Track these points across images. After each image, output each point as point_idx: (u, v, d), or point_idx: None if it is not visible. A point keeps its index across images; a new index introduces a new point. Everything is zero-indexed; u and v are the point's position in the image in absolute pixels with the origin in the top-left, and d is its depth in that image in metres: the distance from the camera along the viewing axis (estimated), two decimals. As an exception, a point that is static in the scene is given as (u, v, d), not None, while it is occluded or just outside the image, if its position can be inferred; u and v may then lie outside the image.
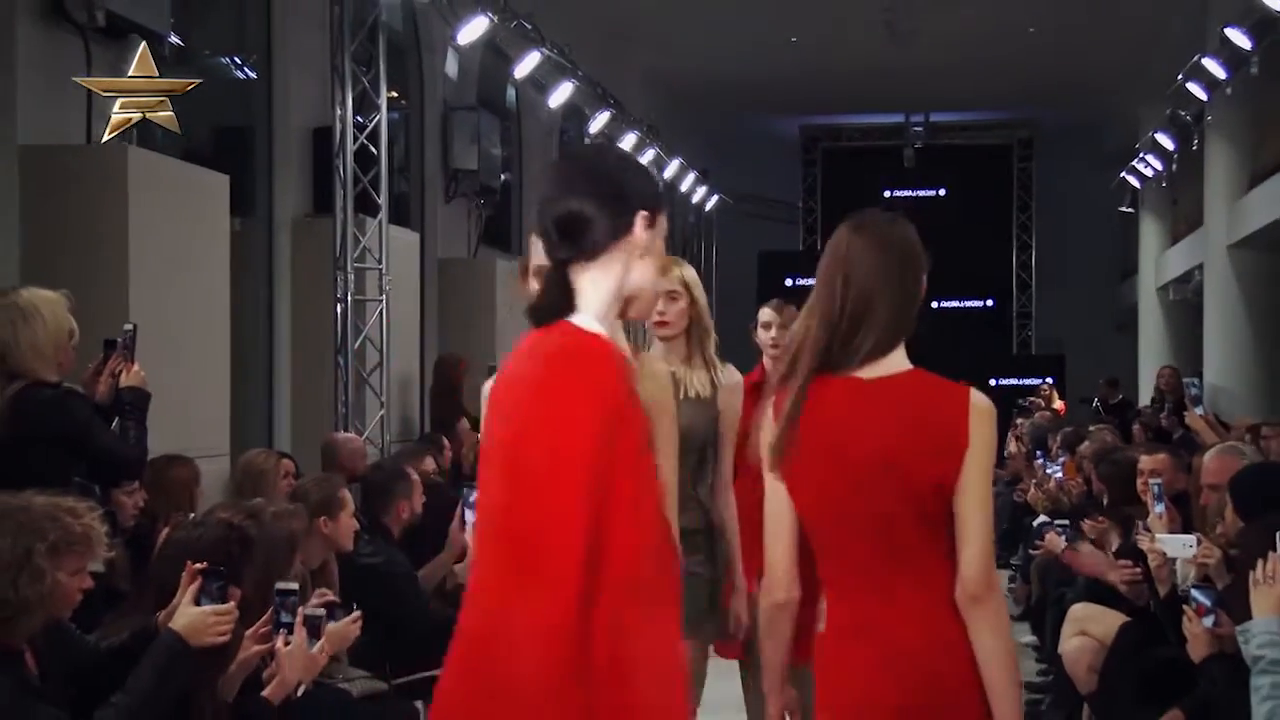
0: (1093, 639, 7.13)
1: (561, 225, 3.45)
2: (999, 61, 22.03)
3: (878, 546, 3.81)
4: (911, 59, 20.54)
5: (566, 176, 3.58)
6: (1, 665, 4.30)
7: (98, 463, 5.86)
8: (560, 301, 3.48)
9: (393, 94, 12.43)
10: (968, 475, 3.70)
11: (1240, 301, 18.27)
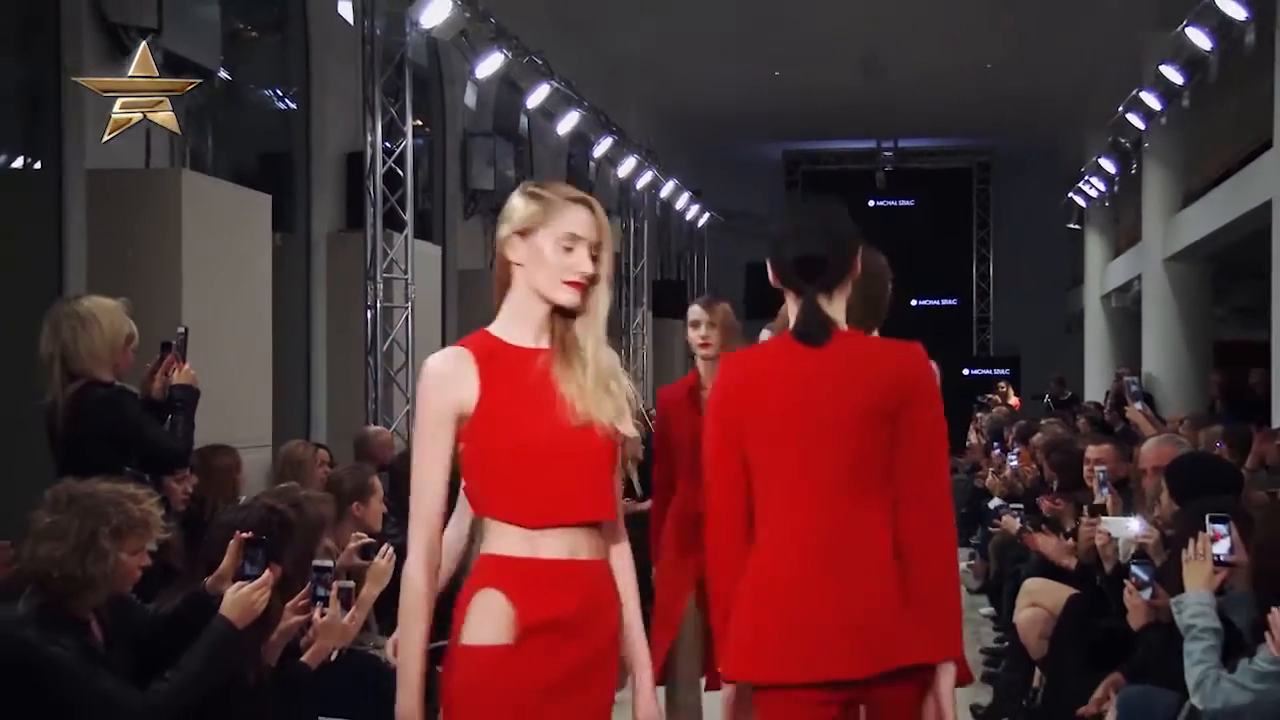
0: (1044, 610, 7.14)
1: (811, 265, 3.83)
2: (960, 94, 22.06)
3: None
4: (882, 92, 20.57)
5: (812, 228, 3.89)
6: (70, 633, 4.33)
7: (146, 455, 5.84)
8: (828, 320, 3.81)
9: (418, 122, 12.44)
10: None
11: (1174, 308, 18.38)
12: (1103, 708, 5.88)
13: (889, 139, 26.48)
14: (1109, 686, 5.93)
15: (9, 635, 4.35)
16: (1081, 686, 6.22)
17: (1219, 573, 4.77)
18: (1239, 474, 7.12)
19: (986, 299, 29.54)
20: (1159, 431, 9.20)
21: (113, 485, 4.52)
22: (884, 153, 27.02)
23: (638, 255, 21.77)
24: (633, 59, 18.99)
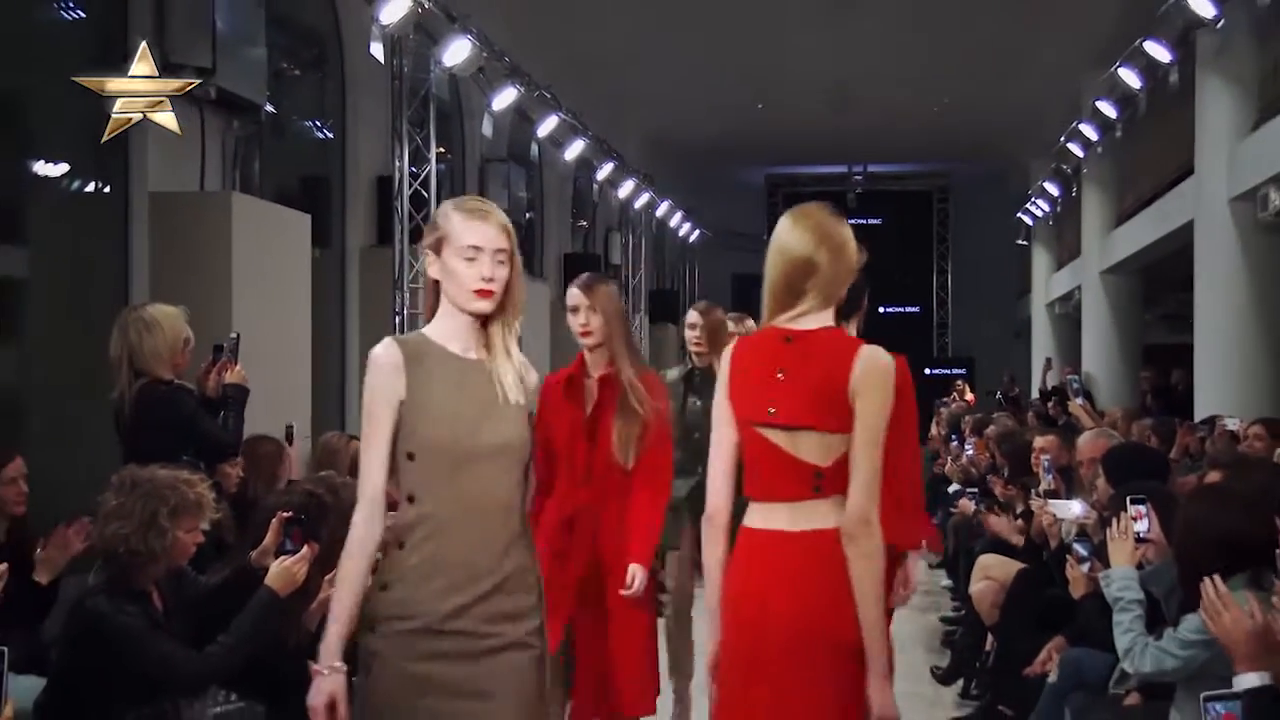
0: (995, 582, 7.12)
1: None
2: (921, 126, 22.01)
3: None
4: (853, 122, 20.55)
5: None
6: (133, 602, 4.35)
7: (201, 446, 5.83)
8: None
9: (440, 149, 12.42)
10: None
11: (1109, 315, 18.40)
12: (1046, 667, 5.85)
13: (859, 164, 26.48)
14: (1052, 649, 5.91)
15: (82, 604, 4.39)
16: (1028, 649, 6.18)
17: (1139, 549, 4.77)
18: (1166, 462, 7.13)
19: (945, 307, 29.57)
20: (1096, 425, 9.25)
21: (171, 471, 4.53)
22: (855, 177, 27.03)
23: (635, 267, 21.76)
24: (632, 94, 18.98)
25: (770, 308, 3.70)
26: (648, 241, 22.97)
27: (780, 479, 3.61)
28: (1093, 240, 18.68)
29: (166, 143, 8.74)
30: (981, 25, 16.13)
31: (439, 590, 3.41)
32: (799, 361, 3.60)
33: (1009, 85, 18.90)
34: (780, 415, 3.59)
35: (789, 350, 3.61)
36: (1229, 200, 11.67)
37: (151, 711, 4.27)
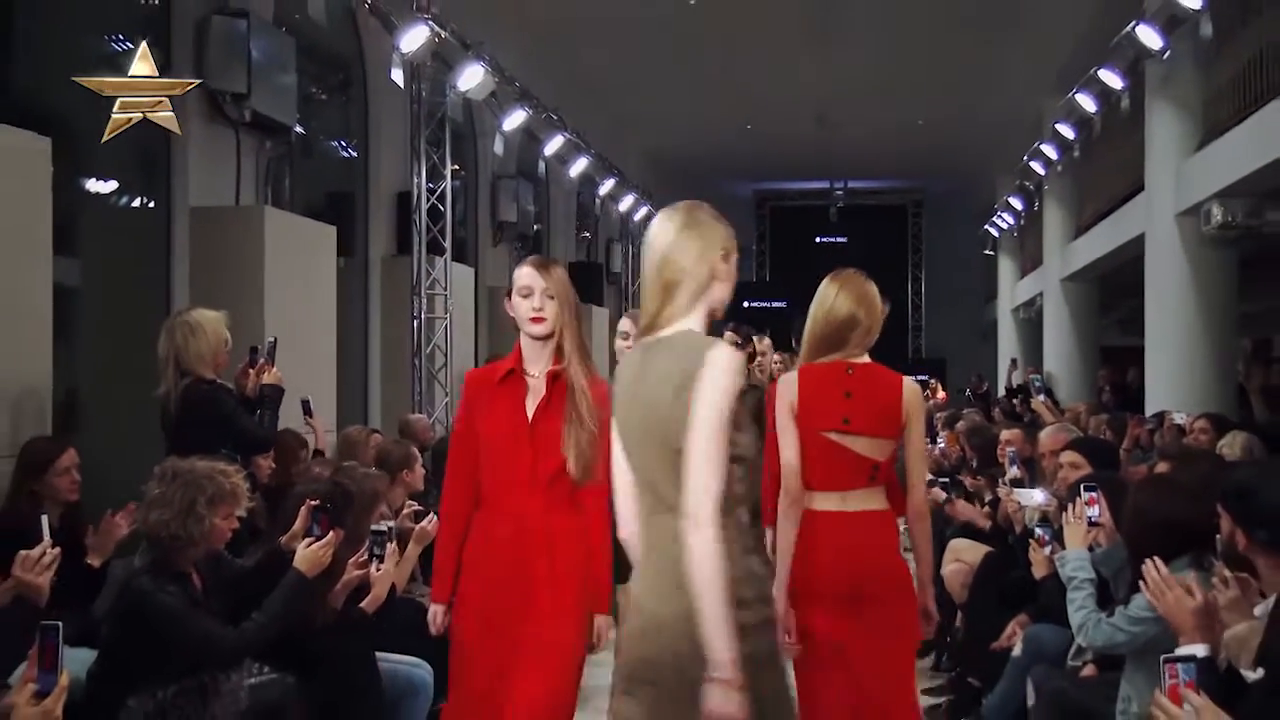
0: (965, 564, 7.09)
1: None
2: (897, 145, 22.04)
3: None
4: (834, 142, 20.52)
5: None
6: (174, 582, 4.38)
7: (238, 441, 5.84)
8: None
9: (455, 166, 12.45)
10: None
11: (1069, 319, 18.41)
12: (1011, 642, 5.87)
13: (840, 180, 26.44)
14: (1017, 625, 5.92)
15: (128, 584, 4.42)
16: (995, 625, 6.18)
17: (1091, 532, 4.78)
18: (1117, 452, 7.14)
19: (919, 311, 29.60)
20: (1057, 420, 9.27)
21: (209, 463, 4.55)
22: (836, 191, 26.97)
23: (635, 275, 21.75)
24: (631, 115, 19.00)
25: (817, 348, 4.58)
26: (646, 251, 22.95)
27: (845, 472, 4.41)
28: (1053, 250, 18.71)
29: (205, 161, 8.82)
30: (952, 54, 16.16)
31: None
32: (862, 386, 4.46)
33: (977, 108, 18.93)
34: (853, 425, 4.40)
35: (851, 379, 4.48)
36: (1176, 215, 11.69)
37: (192, 682, 4.28)
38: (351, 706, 4.94)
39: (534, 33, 14.23)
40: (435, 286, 11.91)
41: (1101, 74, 12.19)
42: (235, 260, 8.44)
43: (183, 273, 8.58)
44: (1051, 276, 18.73)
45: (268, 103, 8.91)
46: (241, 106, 8.78)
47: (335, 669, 4.88)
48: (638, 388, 3.37)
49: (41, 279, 6.22)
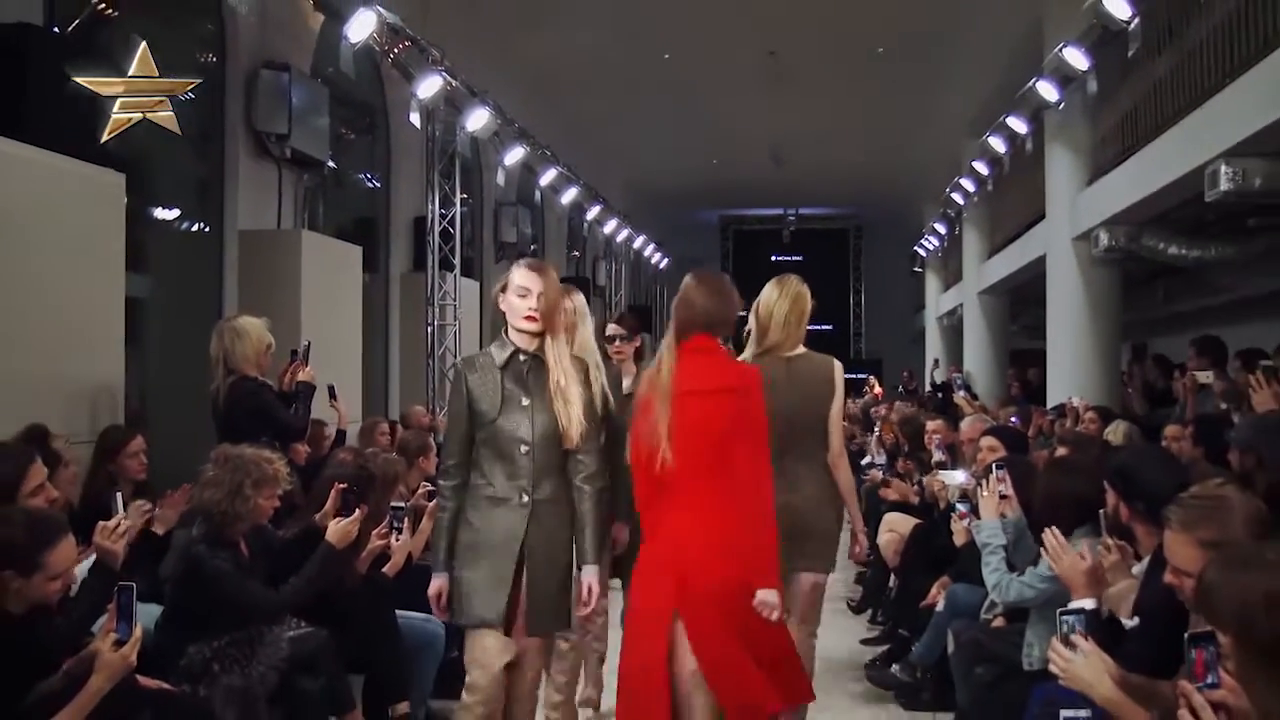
0: (897, 535, 7.14)
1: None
2: (841, 179, 22.13)
3: None
4: (788, 176, 20.59)
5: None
6: (226, 551, 4.39)
7: (277, 431, 5.81)
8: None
9: (464, 196, 12.44)
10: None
11: (984, 326, 18.38)
12: (935, 599, 5.92)
13: (792, 208, 26.54)
14: (940, 586, 5.97)
15: (186, 550, 4.43)
16: (922, 586, 6.25)
17: (1000, 505, 4.81)
18: (1025, 439, 7.18)
19: (860, 319, 29.68)
20: (974, 411, 9.31)
21: (255, 450, 4.57)
22: (789, 217, 27.05)
23: (617, 287, 21.80)
24: (616, 151, 19.01)
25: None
26: (627, 268, 22.99)
27: None
28: (971, 268, 18.70)
29: (252, 191, 8.82)
30: (886, 104, 16.25)
31: None
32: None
33: (907, 148, 19.01)
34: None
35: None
36: (1071, 239, 11.73)
37: (241, 634, 4.29)
38: (376, 655, 4.95)
39: (531, 82, 14.25)
40: (446, 298, 11.89)
41: (1009, 121, 12.24)
42: (276, 275, 8.44)
43: (232, 286, 8.58)
44: (969, 290, 18.73)
45: (305, 142, 8.92)
46: (283, 145, 8.80)
47: (362, 624, 4.89)
48: (792, 383, 4.54)
49: (115, 292, 6.21)
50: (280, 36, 8.98)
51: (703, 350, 3.89)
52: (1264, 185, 7.60)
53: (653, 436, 3.74)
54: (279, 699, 4.32)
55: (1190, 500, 3.10)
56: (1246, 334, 8.92)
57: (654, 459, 3.73)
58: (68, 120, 6.03)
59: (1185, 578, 2.96)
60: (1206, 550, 2.92)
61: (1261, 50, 7.37)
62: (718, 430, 3.72)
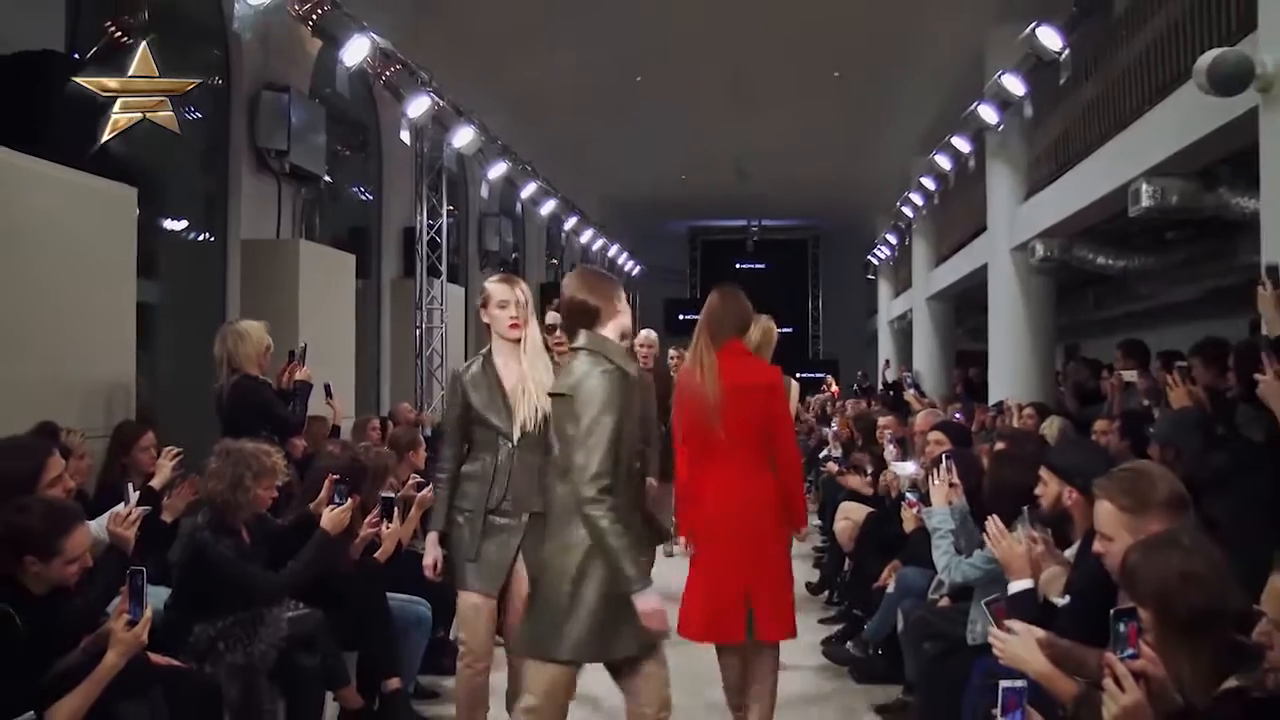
0: (852, 522, 7.15)
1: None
2: (800, 193, 22.11)
3: None
4: (751, 190, 20.61)
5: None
6: (229, 537, 4.39)
7: (275, 426, 5.81)
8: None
9: (450, 207, 12.44)
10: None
11: (932, 329, 18.46)
12: (886, 581, 5.94)
13: (756, 219, 26.56)
14: (891, 569, 5.99)
15: (192, 536, 4.42)
16: (874, 569, 6.27)
17: (949, 494, 4.80)
18: (969, 432, 7.24)
19: (818, 323, 29.68)
20: (923, 408, 9.37)
21: (255, 444, 4.56)
22: (752, 228, 27.06)
23: (593, 293, 21.75)
24: (591, 166, 19.00)
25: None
26: (602, 275, 22.94)
27: None
28: (920, 276, 18.77)
29: (253, 203, 8.81)
30: (842, 123, 16.30)
31: None
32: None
33: (861, 165, 19.06)
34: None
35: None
36: (1010, 250, 11.83)
37: (244, 614, 4.28)
38: (368, 634, 4.96)
39: (513, 102, 14.24)
40: (434, 303, 11.89)
41: (954, 141, 12.31)
42: (276, 282, 8.44)
43: (235, 291, 8.57)
44: (918, 296, 18.80)
45: (303, 157, 8.92)
46: (283, 161, 8.80)
47: (355, 605, 4.89)
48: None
49: (127, 297, 6.21)
50: (281, 60, 8.97)
51: (738, 353, 4.52)
52: (1181, 202, 7.72)
53: (707, 423, 4.37)
54: (279, 675, 4.32)
55: (1118, 472, 3.18)
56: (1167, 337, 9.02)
57: (707, 441, 4.40)
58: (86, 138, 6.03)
59: (1108, 542, 3.02)
60: (1127, 515, 2.98)
61: (1176, 80, 7.48)
62: (761, 418, 4.40)
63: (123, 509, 3.99)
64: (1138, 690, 2.33)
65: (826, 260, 29.29)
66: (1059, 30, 8.70)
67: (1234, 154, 7.14)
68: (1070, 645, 3.03)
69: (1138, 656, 2.54)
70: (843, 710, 5.61)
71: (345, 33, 8.29)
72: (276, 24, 8.21)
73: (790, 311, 28.27)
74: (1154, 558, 2.57)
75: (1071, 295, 13.19)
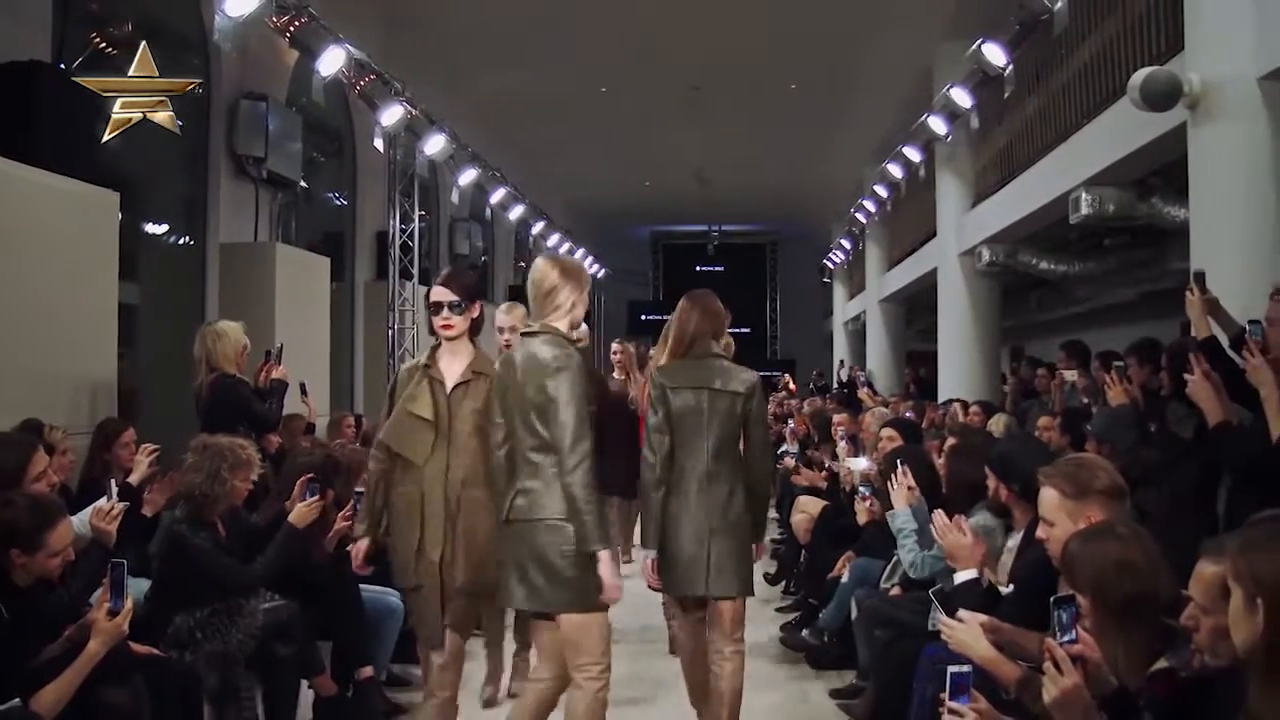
0: (808, 515, 7.13)
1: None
2: (758, 199, 22.21)
3: None
4: (712, 196, 20.67)
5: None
6: (205, 530, 4.38)
7: (252, 423, 5.79)
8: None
9: (422, 212, 12.37)
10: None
11: (884, 330, 18.53)
12: (840, 572, 5.96)
13: (716, 224, 26.58)
14: (845, 559, 6.01)
15: (170, 529, 4.40)
16: (829, 560, 6.28)
17: (908, 496, 4.81)
18: (920, 429, 7.29)
19: (776, 325, 29.74)
20: (876, 405, 9.42)
21: (230, 439, 4.55)
22: (713, 233, 27.07)
23: (559, 295, 21.69)
24: (558, 173, 19.00)
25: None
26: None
27: None
28: (873, 279, 18.83)
29: (232, 208, 8.75)
30: (799, 133, 16.38)
31: None
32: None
33: (817, 172, 19.16)
34: None
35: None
36: (958, 255, 11.93)
37: (221, 605, 4.27)
38: (342, 624, 4.94)
39: (483, 112, 14.21)
40: (405, 305, 11.80)
41: (905, 150, 12.40)
42: (253, 284, 8.38)
43: (214, 293, 8.50)
44: (872, 298, 18.87)
45: (280, 164, 8.88)
46: (260, 167, 8.74)
47: (329, 596, 4.87)
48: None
49: (109, 298, 6.16)
50: (258, 70, 8.91)
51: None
52: (1117, 210, 7.85)
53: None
54: (256, 663, 4.31)
55: (1062, 462, 3.24)
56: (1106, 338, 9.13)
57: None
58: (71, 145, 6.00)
59: (1050, 527, 3.06)
60: (1070, 502, 3.03)
61: (1112, 96, 7.60)
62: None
63: (105, 504, 3.96)
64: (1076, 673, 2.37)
65: (784, 264, 29.37)
66: (1003, 47, 8.79)
67: (1165, 166, 7.27)
68: (1014, 630, 3.08)
69: (1076, 641, 2.58)
70: (799, 695, 5.63)
71: (321, 44, 8.25)
72: (255, 35, 8.18)
73: (749, 313, 28.40)
74: (1091, 547, 2.62)
75: (1016, 298, 13.32)
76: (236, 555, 4.43)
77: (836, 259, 22.42)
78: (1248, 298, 4.88)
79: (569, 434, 3.44)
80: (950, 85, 10.02)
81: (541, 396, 3.52)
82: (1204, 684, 2.29)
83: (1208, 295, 4.65)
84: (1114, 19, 7.82)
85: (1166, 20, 6.87)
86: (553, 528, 3.50)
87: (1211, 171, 5.77)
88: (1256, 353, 3.79)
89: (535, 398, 3.55)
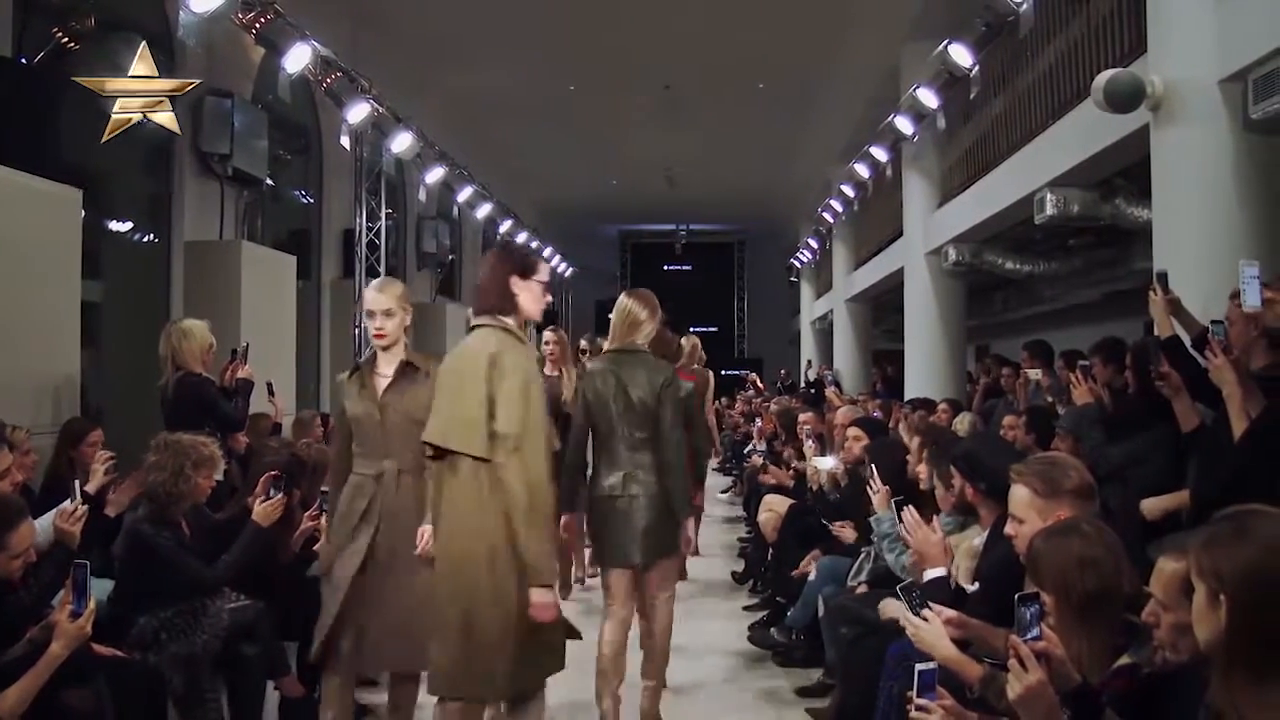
0: (775, 513, 7.16)
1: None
2: (727, 198, 22.26)
3: None
4: (680, 195, 20.71)
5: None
6: (168, 529, 4.33)
7: (218, 422, 5.76)
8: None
9: (389, 210, 12.32)
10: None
11: (851, 330, 18.55)
12: (807, 569, 5.99)
13: (684, 224, 26.62)
14: (812, 558, 6.05)
15: (133, 529, 4.35)
16: (796, 558, 6.31)
17: (886, 497, 4.81)
18: (887, 427, 7.31)
19: (743, 323, 29.78)
20: (843, 404, 9.45)
21: (193, 436, 4.51)
22: (680, 232, 27.10)
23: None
24: (526, 172, 18.97)
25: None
26: (536, 275, 22.83)
27: None
28: (840, 279, 18.84)
29: (197, 206, 8.69)
30: (766, 133, 16.43)
31: None
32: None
33: (784, 172, 19.23)
34: None
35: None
36: (924, 254, 11.97)
37: (186, 606, 4.24)
38: (307, 623, 4.91)
39: (450, 109, 14.17)
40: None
41: (872, 150, 12.44)
42: (219, 282, 8.31)
43: (179, 291, 8.43)
44: (839, 298, 18.88)
45: (246, 161, 8.81)
46: (226, 164, 8.68)
47: (295, 595, 4.85)
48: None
49: (72, 297, 6.09)
50: (224, 66, 8.85)
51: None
52: (1081, 211, 7.91)
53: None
54: (222, 664, 4.28)
55: (1034, 460, 3.26)
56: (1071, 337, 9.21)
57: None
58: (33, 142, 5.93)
59: (1019, 524, 3.09)
60: (1040, 500, 3.05)
61: (1076, 98, 7.66)
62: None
63: (69, 505, 3.92)
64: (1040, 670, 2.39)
65: (751, 263, 29.44)
66: (969, 48, 8.85)
67: (1129, 167, 7.34)
68: (980, 626, 3.10)
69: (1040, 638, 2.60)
70: (766, 693, 5.65)
71: (287, 41, 8.20)
72: (220, 31, 8.12)
73: (716, 312, 28.48)
74: (1055, 543, 2.64)
75: (981, 298, 13.40)
76: (200, 554, 4.40)
77: (804, 258, 22.49)
78: (1209, 298, 4.94)
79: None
80: (917, 85, 10.06)
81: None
82: (1165, 679, 2.32)
83: (1170, 295, 4.70)
84: (1078, 21, 7.89)
85: (1129, 23, 6.94)
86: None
87: (1174, 173, 5.84)
88: (1219, 353, 3.85)
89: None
